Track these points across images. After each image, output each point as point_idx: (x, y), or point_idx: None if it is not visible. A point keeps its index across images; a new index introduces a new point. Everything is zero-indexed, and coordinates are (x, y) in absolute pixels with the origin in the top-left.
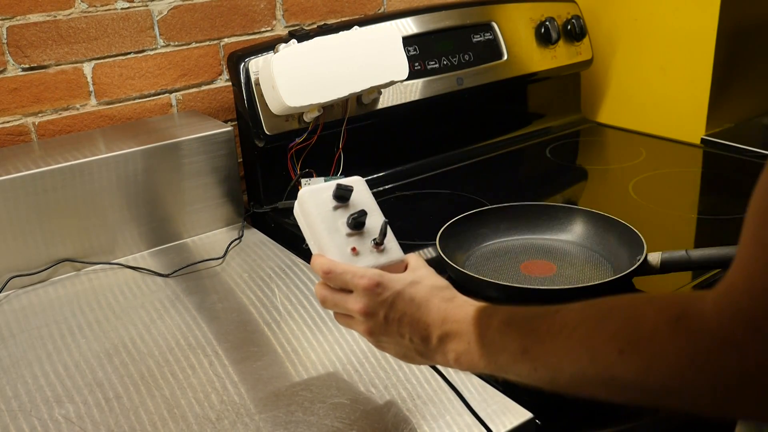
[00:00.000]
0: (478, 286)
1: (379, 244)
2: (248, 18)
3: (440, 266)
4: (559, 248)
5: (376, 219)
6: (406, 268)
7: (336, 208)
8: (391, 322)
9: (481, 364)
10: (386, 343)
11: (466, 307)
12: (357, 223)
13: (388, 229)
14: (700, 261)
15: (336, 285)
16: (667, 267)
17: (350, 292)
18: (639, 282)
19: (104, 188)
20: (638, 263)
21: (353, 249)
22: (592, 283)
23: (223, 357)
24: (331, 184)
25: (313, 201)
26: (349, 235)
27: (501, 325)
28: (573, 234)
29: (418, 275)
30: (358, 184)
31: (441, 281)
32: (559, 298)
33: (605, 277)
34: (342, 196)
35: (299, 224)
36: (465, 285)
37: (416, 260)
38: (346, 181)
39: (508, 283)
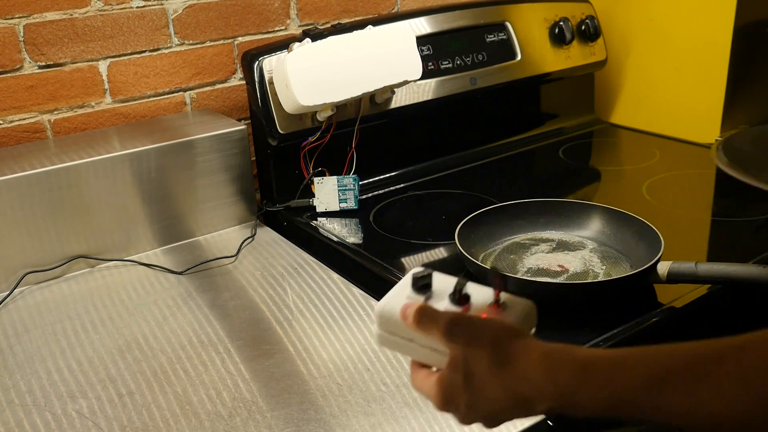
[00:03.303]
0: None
1: (497, 301)
2: (262, 17)
3: (459, 262)
4: (577, 244)
5: (476, 289)
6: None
7: (426, 302)
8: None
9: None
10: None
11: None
12: (462, 297)
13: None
14: (707, 276)
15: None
16: (673, 278)
17: None
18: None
19: (118, 186)
20: (658, 257)
21: None
22: (610, 278)
23: (235, 354)
24: (403, 284)
25: (394, 307)
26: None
27: (647, 382)
28: (590, 230)
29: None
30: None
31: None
32: (576, 292)
33: (623, 273)
34: (424, 285)
35: (391, 345)
36: (483, 280)
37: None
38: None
39: (525, 278)
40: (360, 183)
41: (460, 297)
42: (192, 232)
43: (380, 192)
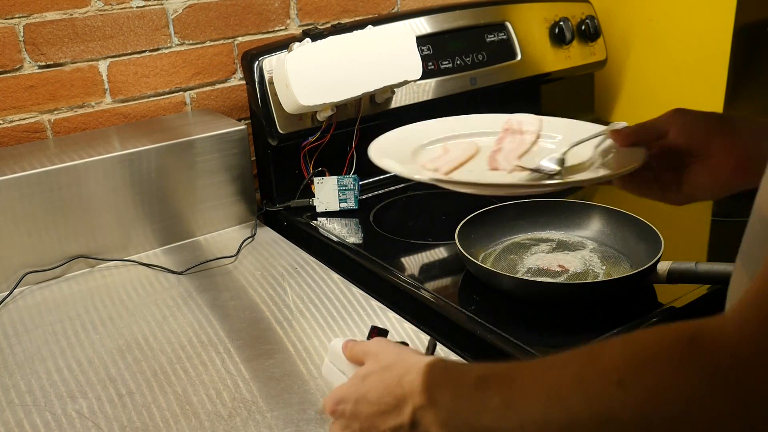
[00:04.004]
0: (496, 280)
1: None
2: (262, 17)
3: (459, 262)
4: (577, 244)
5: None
6: None
7: None
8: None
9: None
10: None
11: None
12: None
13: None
14: (707, 275)
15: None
16: (673, 278)
17: None
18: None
19: (118, 185)
20: (658, 257)
21: None
22: (610, 278)
23: (235, 354)
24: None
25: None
26: None
27: (477, 380)
28: (590, 230)
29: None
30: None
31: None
32: (576, 292)
33: (623, 273)
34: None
35: (329, 374)
36: (484, 279)
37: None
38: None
39: (525, 278)
40: (360, 183)
41: None
42: (192, 232)
43: (380, 192)
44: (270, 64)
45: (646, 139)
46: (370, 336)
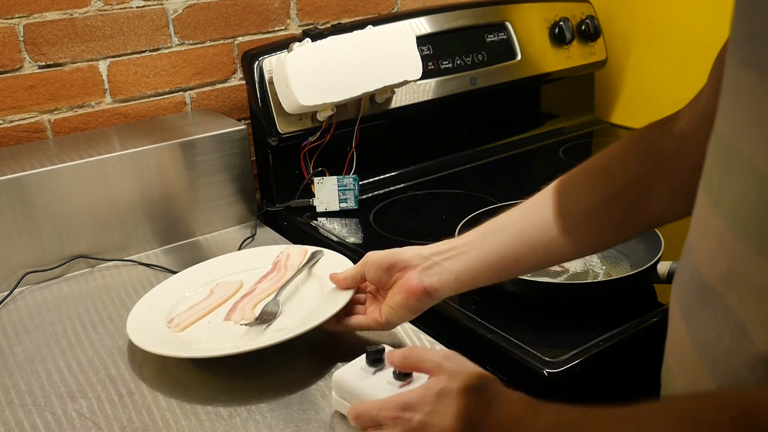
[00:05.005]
0: None
1: None
2: (262, 17)
3: None
4: None
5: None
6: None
7: (375, 373)
8: None
9: None
10: None
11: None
12: (404, 375)
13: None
14: None
15: (366, 423)
16: (673, 278)
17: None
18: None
19: (118, 186)
20: (658, 257)
21: None
22: (610, 278)
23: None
24: (360, 358)
25: (351, 377)
26: (402, 386)
27: (548, 428)
28: None
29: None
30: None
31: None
32: (576, 292)
33: (623, 273)
34: (377, 359)
35: (342, 409)
36: None
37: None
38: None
39: (525, 278)
40: (360, 183)
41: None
42: (192, 232)
43: (380, 192)
44: (270, 64)
45: (353, 285)
46: (368, 358)
